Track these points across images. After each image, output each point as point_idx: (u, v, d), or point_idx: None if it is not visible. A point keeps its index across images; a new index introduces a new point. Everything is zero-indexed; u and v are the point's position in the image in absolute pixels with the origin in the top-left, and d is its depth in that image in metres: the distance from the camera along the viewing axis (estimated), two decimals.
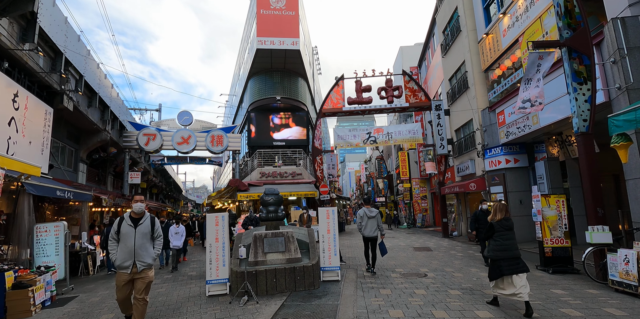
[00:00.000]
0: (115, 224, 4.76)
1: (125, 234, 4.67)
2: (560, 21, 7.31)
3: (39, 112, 9.71)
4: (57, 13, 10.77)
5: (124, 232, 4.68)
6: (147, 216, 4.88)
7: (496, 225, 5.27)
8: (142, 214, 4.85)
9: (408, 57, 31.41)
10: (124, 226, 4.71)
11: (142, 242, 4.69)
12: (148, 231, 4.79)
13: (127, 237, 4.65)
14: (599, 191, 7.00)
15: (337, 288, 6.66)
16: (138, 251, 4.64)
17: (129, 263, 4.60)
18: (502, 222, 5.26)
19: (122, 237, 4.68)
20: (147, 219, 4.84)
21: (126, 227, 4.70)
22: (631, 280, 5.70)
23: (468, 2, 15.32)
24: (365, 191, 51.61)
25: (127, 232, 4.67)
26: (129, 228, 4.69)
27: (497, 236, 5.24)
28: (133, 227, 4.71)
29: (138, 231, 4.70)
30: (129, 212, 4.85)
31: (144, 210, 4.90)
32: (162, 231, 5.64)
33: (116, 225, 4.74)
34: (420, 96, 17.58)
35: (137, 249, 4.64)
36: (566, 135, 10.82)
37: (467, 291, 6.26)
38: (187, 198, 63.72)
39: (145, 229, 4.76)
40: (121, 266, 4.60)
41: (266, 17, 20.87)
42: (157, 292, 7.23)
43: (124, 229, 4.69)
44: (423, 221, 25.23)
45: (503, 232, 5.22)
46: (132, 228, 4.70)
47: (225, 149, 18.90)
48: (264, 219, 7.83)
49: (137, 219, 4.80)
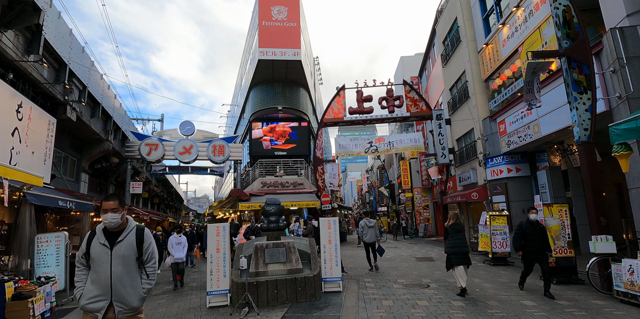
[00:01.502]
0: (84, 241, 3.02)
1: (97, 258, 2.91)
2: (559, 31, 7.38)
3: (42, 122, 9.78)
4: (62, 25, 10.93)
5: (95, 254, 2.93)
6: (131, 227, 3.10)
7: (449, 229, 6.91)
8: (123, 226, 3.07)
9: (409, 67, 31.66)
10: (94, 246, 2.96)
11: (123, 271, 2.93)
12: (132, 253, 3.00)
13: (99, 262, 2.91)
14: (601, 200, 6.97)
15: (338, 299, 6.59)
16: (117, 286, 2.89)
17: (102, 304, 2.86)
18: (453, 227, 6.89)
19: (92, 263, 2.94)
20: (131, 234, 3.06)
21: (97, 248, 2.94)
22: (636, 291, 5.63)
23: (467, 13, 15.51)
24: (367, 200, 51.42)
25: (98, 256, 2.91)
26: (101, 249, 2.94)
27: (450, 237, 6.84)
28: (108, 247, 2.94)
29: (116, 254, 2.93)
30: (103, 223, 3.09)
31: (125, 220, 3.11)
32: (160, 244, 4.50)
33: (84, 243, 3.00)
34: (421, 105, 17.65)
35: (116, 283, 2.89)
36: (568, 144, 10.82)
37: (471, 302, 6.18)
38: (189, 208, 63.55)
39: (127, 250, 2.98)
40: (87, 307, 2.85)
41: (268, 28, 21.14)
42: (156, 303, 7.17)
43: (95, 250, 2.94)
44: (425, 231, 25.06)
45: (454, 234, 6.82)
46: (106, 249, 2.93)
47: (226, 159, 18.93)
48: (265, 229, 7.81)
49: (116, 233, 3.03)
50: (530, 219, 6.85)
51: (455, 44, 16.67)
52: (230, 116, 38.43)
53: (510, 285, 7.54)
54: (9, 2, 8.01)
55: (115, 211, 2.98)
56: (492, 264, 10.41)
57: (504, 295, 6.64)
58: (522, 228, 6.85)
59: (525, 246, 6.72)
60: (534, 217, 6.84)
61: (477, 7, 14.69)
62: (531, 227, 6.76)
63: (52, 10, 9.93)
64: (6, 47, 8.03)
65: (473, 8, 15.13)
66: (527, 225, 6.82)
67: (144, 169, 23.05)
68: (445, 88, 18.72)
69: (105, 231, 3.04)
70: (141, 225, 3.21)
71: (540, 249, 6.59)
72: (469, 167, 16.01)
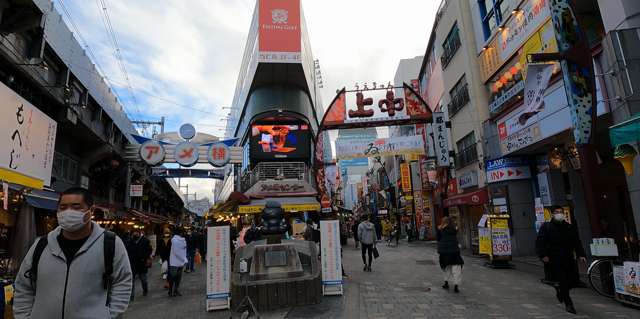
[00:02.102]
0: (29, 253, 2.21)
1: (47, 275, 2.09)
2: (559, 34, 7.40)
3: (42, 125, 9.79)
4: (63, 28, 10.96)
5: (45, 271, 2.10)
6: (97, 235, 2.29)
7: (442, 231, 7.63)
8: (86, 233, 2.26)
9: (409, 69, 31.72)
10: (45, 259, 2.14)
11: (82, 293, 2.11)
12: (98, 269, 2.19)
13: (49, 282, 2.09)
14: (602, 203, 6.95)
15: (339, 302, 6.56)
16: (72, 315, 2.06)
17: None
18: (445, 230, 7.60)
19: (39, 284, 2.11)
20: (97, 243, 2.25)
21: (49, 262, 2.13)
22: (638, 294, 5.60)
23: (467, 16, 15.56)
24: (368, 203, 51.34)
25: (50, 273, 2.10)
26: (54, 263, 2.12)
27: (442, 239, 7.54)
28: (64, 261, 2.13)
29: (76, 270, 2.13)
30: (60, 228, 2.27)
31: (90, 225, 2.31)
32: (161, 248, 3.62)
33: (29, 256, 2.19)
34: (421, 108, 17.67)
35: (71, 312, 2.06)
36: (568, 146, 10.80)
37: (472, 305, 6.15)
38: (189, 211, 63.53)
39: (91, 265, 2.17)
40: None
41: (268, 31, 21.21)
42: (156, 307, 7.14)
43: (46, 265, 2.12)
44: (426, 234, 24.99)
45: (446, 237, 7.51)
46: (61, 264, 2.13)
47: (227, 162, 18.93)
48: (266, 232, 7.78)
49: (76, 242, 2.22)
50: (556, 219, 5.95)
51: (455, 47, 16.72)
52: (231, 119, 38.48)
53: (511, 288, 7.50)
54: (10, 5, 8.04)
55: (77, 207, 2.20)
56: (493, 267, 10.37)
57: (505, 298, 6.61)
58: (546, 230, 5.97)
59: (551, 250, 5.85)
60: (560, 218, 5.94)
61: (476, 10, 14.74)
62: (557, 228, 5.91)
63: (53, 13, 9.96)
64: (7, 51, 8.05)
65: (473, 11, 15.18)
66: (552, 226, 5.96)
67: (144, 172, 23.06)
68: (446, 91, 18.74)
69: (61, 240, 2.21)
70: (111, 232, 2.40)
71: (569, 254, 5.75)
72: (470, 170, 16.00)
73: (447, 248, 7.40)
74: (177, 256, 8.31)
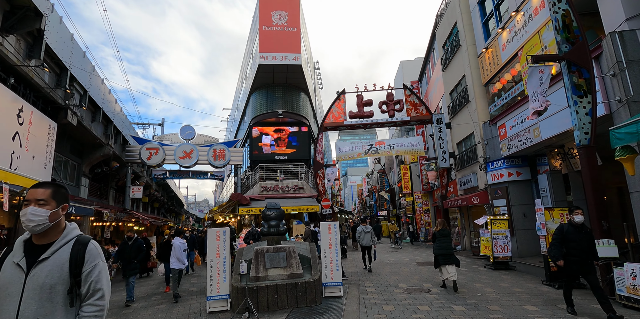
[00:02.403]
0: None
1: (2, 287, 1.75)
2: (559, 35, 7.40)
3: (43, 127, 9.79)
4: (63, 30, 10.98)
5: (1, 283, 1.76)
6: (67, 238, 1.90)
7: (437, 233, 8.01)
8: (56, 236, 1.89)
9: (408, 71, 31.73)
10: (5, 267, 1.82)
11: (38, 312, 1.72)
12: (60, 281, 1.78)
13: (3, 296, 1.74)
14: (603, 204, 6.94)
15: (339, 304, 6.55)
16: None
17: None
18: (440, 232, 7.98)
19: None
20: (63, 249, 1.85)
21: (8, 271, 1.79)
22: (639, 295, 5.59)
23: (467, 17, 15.57)
24: (368, 204, 51.31)
25: (6, 284, 1.75)
26: (12, 273, 1.78)
27: (437, 241, 7.93)
28: (23, 270, 1.78)
29: (33, 282, 1.75)
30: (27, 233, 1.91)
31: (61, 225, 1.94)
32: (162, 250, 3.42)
33: None
34: (421, 109, 17.67)
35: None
36: (568, 148, 10.80)
37: (472, 307, 6.14)
38: (189, 212, 63.50)
39: (50, 276, 1.77)
40: None
41: (268, 33, 21.24)
42: (156, 308, 7.12)
43: (3, 274, 1.79)
44: (426, 235, 24.95)
45: (441, 238, 7.90)
46: (18, 273, 1.78)
47: (227, 163, 18.93)
48: (266, 233, 7.78)
49: (43, 247, 1.85)
50: (575, 221, 5.59)
51: (455, 49, 16.73)
52: (231, 120, 38.49)
53: (511, 290, 7.49)
54: (11, 7, 8.06)
55: (41, 203, 1.83)
56: (493, 269, 10.36)
57: (505, 300, 6.60)
58: (563, 232, 5.62)
59: (567, 254, 5.53)
60: (579, 219, 5.57)
61: (476, 12, 14.75)
62: (575, 231, 5.54)
63: (53, 15, 9.98)
64: (7, 52, 8.06)
65: (472, 12, 15.20)
66: (569, 229, 5.60)
67: (145, 174, 23.05)
68: (445, 92, 18.75)
69: (28, 245, 1.85)
70: (86, 236, 1.96)
71: (587, 258, 5.45)
72: (470, 171, 15.99)
73: (442, 249, 7.75)
74: (179, 259, 8.22)
